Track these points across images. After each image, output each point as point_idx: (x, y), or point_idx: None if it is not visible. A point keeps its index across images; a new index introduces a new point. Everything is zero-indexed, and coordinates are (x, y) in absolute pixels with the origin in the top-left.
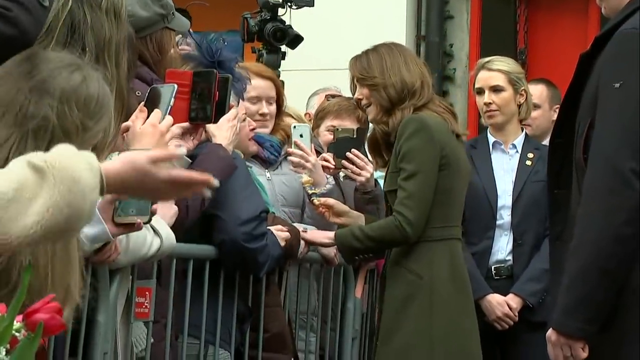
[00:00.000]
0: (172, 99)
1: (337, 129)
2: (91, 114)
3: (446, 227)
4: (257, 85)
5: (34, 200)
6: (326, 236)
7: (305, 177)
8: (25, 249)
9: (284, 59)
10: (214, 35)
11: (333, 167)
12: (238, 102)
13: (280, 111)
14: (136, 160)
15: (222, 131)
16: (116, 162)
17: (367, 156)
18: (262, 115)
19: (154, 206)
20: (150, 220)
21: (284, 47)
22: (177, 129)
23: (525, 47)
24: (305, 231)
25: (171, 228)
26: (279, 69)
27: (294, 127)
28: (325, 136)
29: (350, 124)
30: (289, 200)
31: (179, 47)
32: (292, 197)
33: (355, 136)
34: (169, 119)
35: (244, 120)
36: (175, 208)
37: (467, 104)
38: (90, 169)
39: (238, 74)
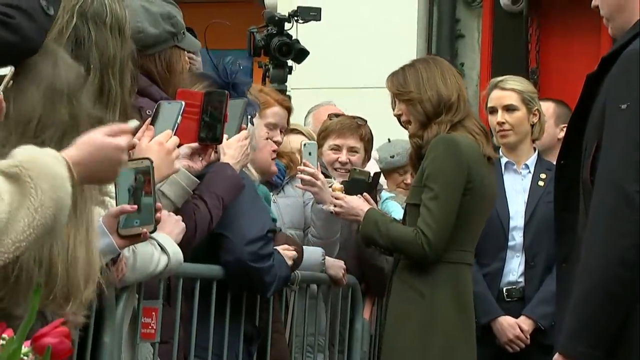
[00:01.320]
0: (180, 117)
1: (355, 170)
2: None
3: (458, 251)
4: (277, 113)
5: (20, 208)
6: (340, 266)
7: (336, 184)
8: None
9: (290, 73)
10: (231, 58)
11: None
12: (252, 122)
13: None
14: (90, 137)
15: (230, 150)
16: (72, 148)
17: (376, 201)
18: (277, 143)
19: (158, 214)
20: (155, 229)
21: (290, 62)
22: (185, 148)
23: (537, 67)
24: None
25: (178, 246)
26: (286, 84)
27: (304, 144)
28: (329, 155)
29: (354, 142)
30: (294, 223)
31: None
32: (297, 219)
33: (370, 181)
34: (174, 138)
35: (266, 139)
36: (183, 225)
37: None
38: (57, 161)
39: (250, 99)
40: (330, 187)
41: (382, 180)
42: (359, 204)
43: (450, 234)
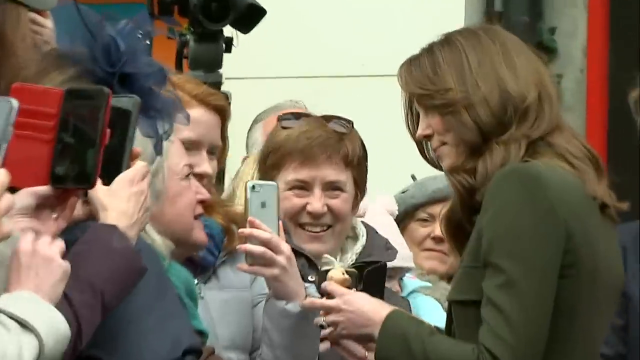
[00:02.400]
0: (8, 130)
1: (331, 277)
2: None
3: None
4: (199, 121)
5: None
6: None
7: (337, 270)
8: None
9: (229, 50)
10: (126, 24)
11: None
12: (157, 147)
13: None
14: None
15: (118, 201)
16: None
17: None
18: (199, 176)
19: None
20: None
21: (228, 30)
22: (26, 197)
23: None
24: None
25: None
26: (220, 71)
27: (252, 186)
28: (288, 201)
29: (334, 173)
30: (234, 340)
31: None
32: (240, 331)
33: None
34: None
35: (187, 176)
36: (66, 266)
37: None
38: None
39: (167, 102)
40: (324, 272)
41: (404, 250)
42: (370, 304)
43: (542, 353)
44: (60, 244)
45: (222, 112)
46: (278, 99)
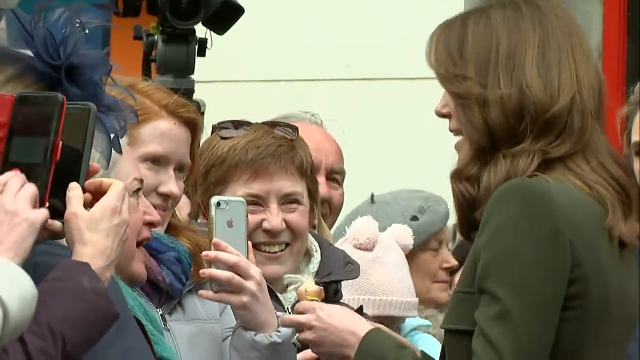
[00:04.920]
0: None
1: (306, 290)
2: None
3: None
4: (166, 134)
5: None
6: None
7: (309, 283)
8: None
9: (203, 54)
10: (63, 12)
11: None
12: (108, 163)
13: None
14: None
15: (97, 236)
16: None
17: None
18: (163, 196)
19: None
20: None
21: (200, 31)
22: None
23: None
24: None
25: None
26: (191, 77)
27: (217, 203)
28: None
29: (290, 185)
30: None
31: None
32: None
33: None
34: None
35: (137, 191)
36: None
37: None
38: None
39: (111, 101)
40: (295, 288)
41: (412, 298)
42: (347, 322)
43: None
44: (29, 191)
45: (194, 126)
46: (254, 104)
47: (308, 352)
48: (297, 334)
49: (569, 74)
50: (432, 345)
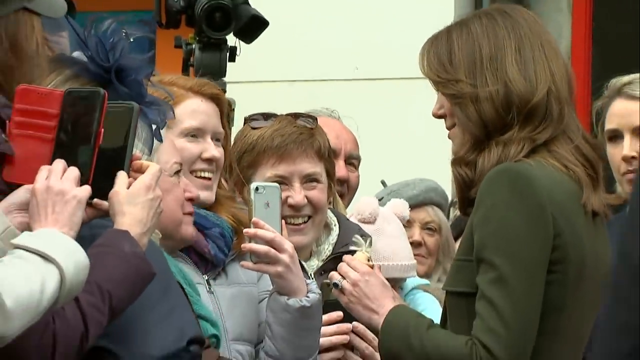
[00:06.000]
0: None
1: (329, 285)
2: None
3: None
4: (197, 110)
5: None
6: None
7: (364, 251)
8: None
9: (232, 59)
10: (111, 23)
11: None
12: (150, 151)
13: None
14: None
15: (135, 208)
16: None
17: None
18: (208, 161)
19: None
20: None
21: (231, 40)
22: (25, 194)
23: None
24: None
25: None
26: (224, 80)
27: (256, 188)
28: None
29: (310, 166)
30: (243, 333)
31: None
32: (247, 326)
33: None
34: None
35: (177, 172)
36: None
37: None
38: None
39: (152, 98)
40: (351, 253)
41: (411, 261)
42: (382, 293)
43: (532, 345)
44: (72, 173)
45: (218, 100)
46: (273, 102)
47: (334, 313)
48: (341, 283)
49: (543, 68)
50: (430, 301)
